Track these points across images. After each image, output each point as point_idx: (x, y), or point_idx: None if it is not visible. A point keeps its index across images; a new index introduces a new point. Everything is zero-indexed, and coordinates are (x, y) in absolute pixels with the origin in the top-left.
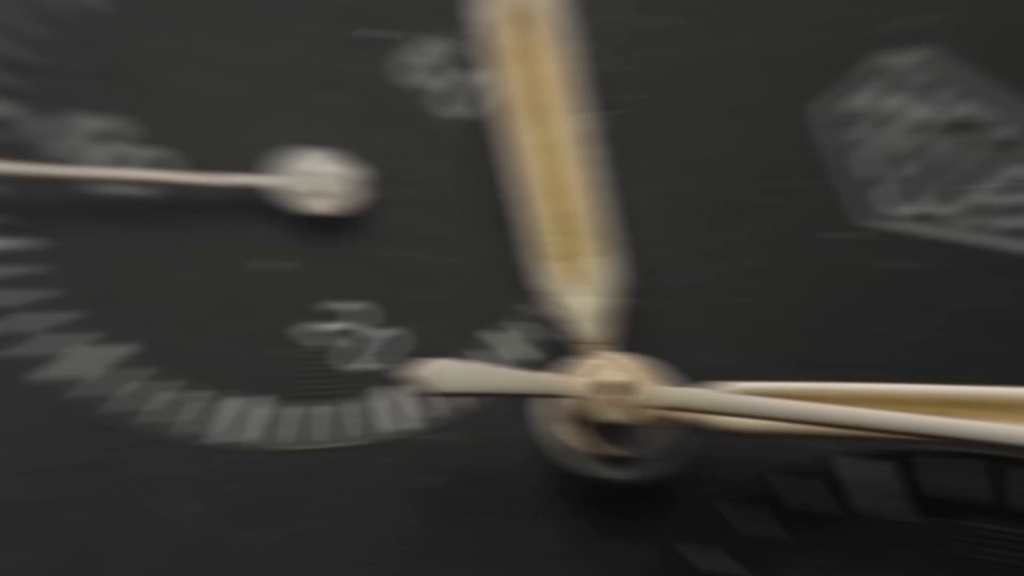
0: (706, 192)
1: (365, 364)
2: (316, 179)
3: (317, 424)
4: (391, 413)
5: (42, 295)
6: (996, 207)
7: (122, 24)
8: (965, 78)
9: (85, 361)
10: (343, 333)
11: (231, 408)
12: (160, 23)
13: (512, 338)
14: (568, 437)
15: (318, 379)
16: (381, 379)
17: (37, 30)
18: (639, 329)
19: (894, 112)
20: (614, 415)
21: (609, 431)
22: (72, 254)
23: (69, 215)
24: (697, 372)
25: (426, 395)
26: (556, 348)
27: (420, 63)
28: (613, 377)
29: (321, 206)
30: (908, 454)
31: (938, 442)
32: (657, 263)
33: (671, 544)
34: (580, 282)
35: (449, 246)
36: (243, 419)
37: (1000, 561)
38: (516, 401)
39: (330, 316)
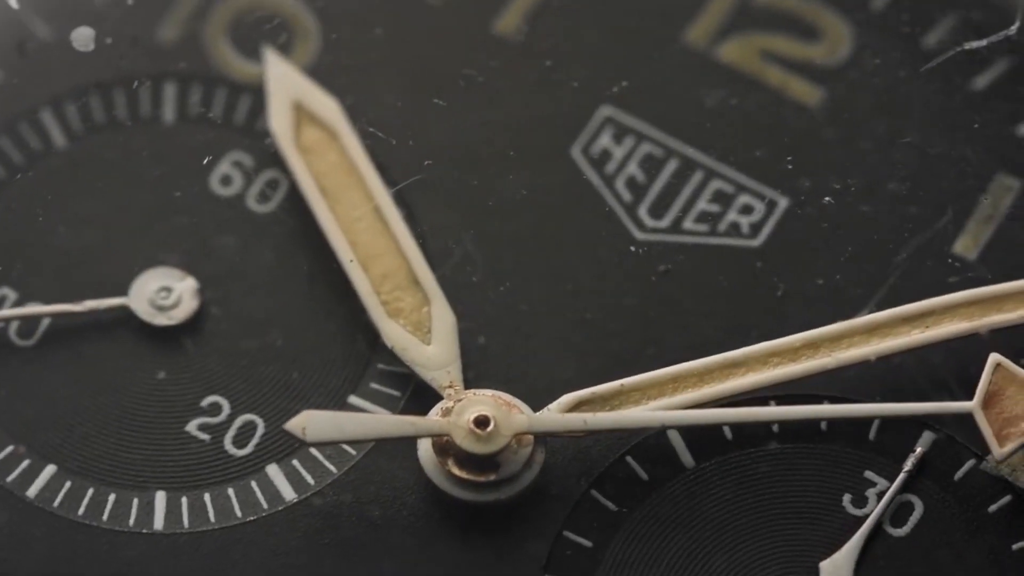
0: (510, 232)
1: (256, 444)
2: (167, 294)
3: (231, 503)
4: (290, 482)
5: None
6: (714, 213)
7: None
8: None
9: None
10: (230, 421)
11: (158, 502)
12: (22, 210)
13: (375, 395)
14: (446, 470)
15: (220, 465)
16: (274, 455)
17: None
18: (483, 363)
19: (628, 152)
20: (476, 448)
21: (476, 460)
22: None
23: None
24: (541, 389)
25: (304, 445)
26: (414, 396)
27: (234, 174)
28: (470, 414)
29: (177, 316)
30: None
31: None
32: (484, 301)
33: (561, 533)
34: (417, 333)
35: (295, 326)
36: (167, 510)
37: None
38: (399, 446)
39: (216, 409)
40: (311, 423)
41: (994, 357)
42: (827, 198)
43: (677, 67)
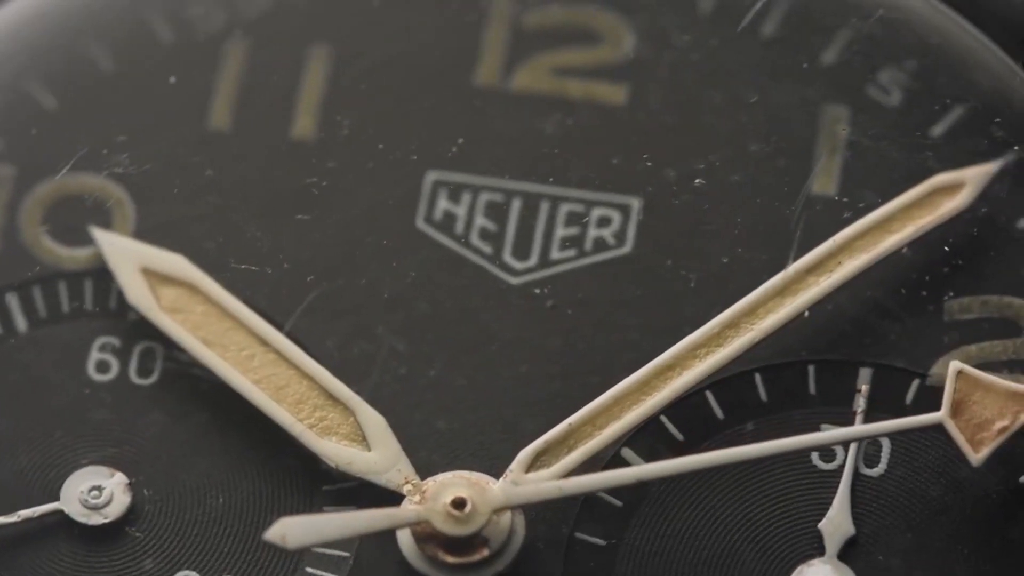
0: (415, 317)
1: None
2: (98, 492)
3: None
4: None
5: None
6: (574, 236)
7: None
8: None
9: None
10: None
11: None
12: None
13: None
14: (439, 562)
15: None
16: None
17: None
18: (449, 445)
19: (469, 207)
20: (457, 530)
21: (462, 541)
22: None
23: None
24: (509, 453)
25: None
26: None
27: (107, 358)
28: (446, 497)
29: (112, 512)
30: None
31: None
32: (423, 389)
33: None
34: (354, 444)
35: (231, 480)
36: None
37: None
38: (382, 557)
39: None
40: (289, 530)
41: (955, 365)
42: (697, 180)
43: (484, 111)
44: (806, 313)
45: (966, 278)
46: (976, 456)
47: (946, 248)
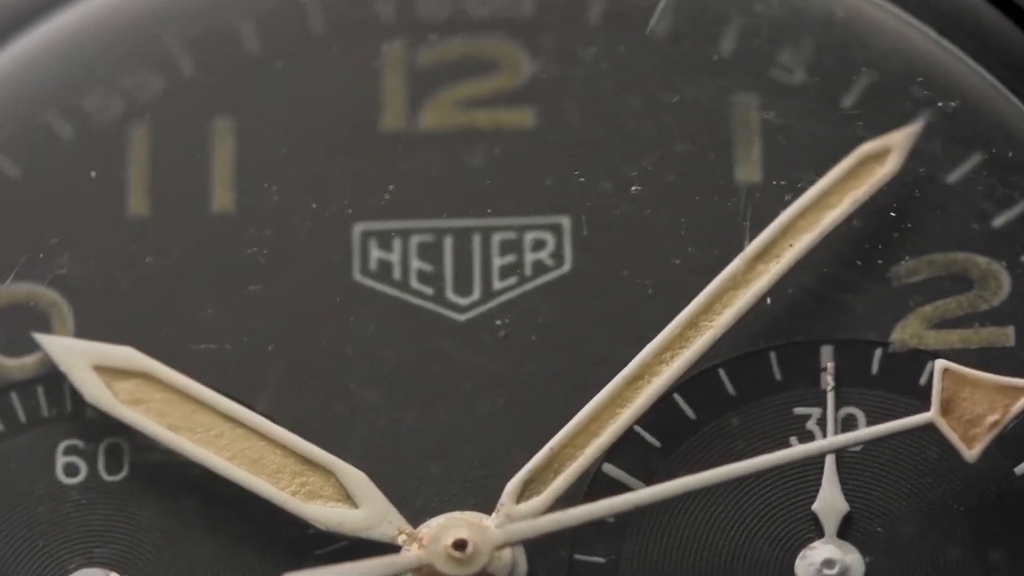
0: (381, 370)
1: None
2: None
3: None
4: None
5: None
6: (512, 263)
7: None
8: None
9: None
10: None
11: None
12: None
13: None
14: None
15: None
16: None
17: None
18: (444, 487)
19: (402, 252)
20: (460, 571)
21: None
22: None
23: None
24: (492, 488)
25: None
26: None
27: (75, 461)
28: (446, 539)
29: None
30: None
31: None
32: (407, 437)
33: None
34: (341, 503)
35: (222, 559)
36: None
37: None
38: None
39: None
40: None
41: (940, 363)
42: (633, 187)
43: (400, 156)
44: (768, 300)
45: (912, 240)
46: (971, 452)
47: (892, 214)
